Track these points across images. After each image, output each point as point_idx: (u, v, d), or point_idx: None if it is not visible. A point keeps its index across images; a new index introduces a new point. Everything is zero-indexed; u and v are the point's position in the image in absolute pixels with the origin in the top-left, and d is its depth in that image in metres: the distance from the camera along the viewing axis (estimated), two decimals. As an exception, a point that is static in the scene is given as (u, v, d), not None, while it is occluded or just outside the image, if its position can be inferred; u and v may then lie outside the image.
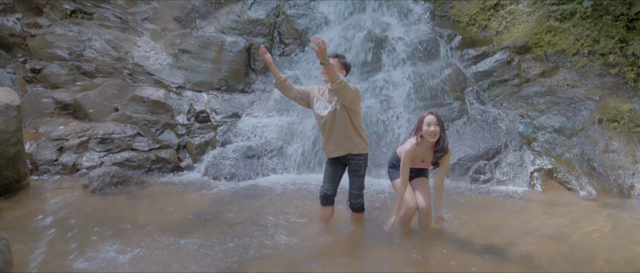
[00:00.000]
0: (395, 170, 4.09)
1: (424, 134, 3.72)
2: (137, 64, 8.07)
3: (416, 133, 3.81)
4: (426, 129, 3.69)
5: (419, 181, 4.11)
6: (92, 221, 4.12)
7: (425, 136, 3.72)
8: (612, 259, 3.45)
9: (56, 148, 6.48)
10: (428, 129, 3.69)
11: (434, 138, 3.71)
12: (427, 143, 3.77)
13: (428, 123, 3.70)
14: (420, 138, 3.77)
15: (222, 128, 7.33)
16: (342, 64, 3.88)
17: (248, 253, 3.38)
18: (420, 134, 3.76)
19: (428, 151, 3.84)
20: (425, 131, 3.70)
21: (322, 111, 3.94)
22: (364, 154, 4.03)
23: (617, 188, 5.89)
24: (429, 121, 3.71)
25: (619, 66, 8.11)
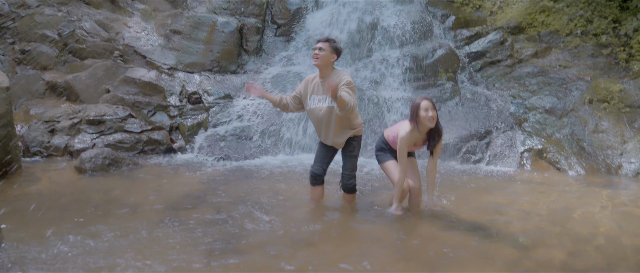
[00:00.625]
0: (384, 153, 4.08)
1: (422, 120, 3.66)
2: (128, 45, 8.00)
3: (412, 119, 3.73)
4: (425, 115, 3.63)
5: (408, 161, 4.04)
6: (84, 203, 4.15)
7: (424, 122, 3.66)
8: (598, 236, 3.52)
9: (48, 130, 6.47)
10: (427, 115, 3.63)
11: (433, 123, 3.67)
12: (423, 128, 3.73)
13: (425, 109, 3.64)
14: (416, 124, 3.71)
15: (215, 109, 7.32)
16: (333, 48, 3.79)
17: (238, 233, 3.42)
18: (416, 120, 3.69)
19: (421, 136, 3.81)
20: (423, 117, 3.64)
21: (317, 104, 3.87)
22: (359, 136, 4.06)
23: (605, 167, 5.97)
24: (426, 106, 3.64)
25: (612, 47, 8.13)
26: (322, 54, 3.71)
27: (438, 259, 3.00)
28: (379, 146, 4.16)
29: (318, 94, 3.87)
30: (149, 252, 2.99)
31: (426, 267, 2.87)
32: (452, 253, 3.08)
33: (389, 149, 4.07)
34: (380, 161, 4.13)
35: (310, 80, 3.98)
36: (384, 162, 4.06)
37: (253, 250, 3.07)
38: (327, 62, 3.76)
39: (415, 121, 3.71)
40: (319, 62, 3.75)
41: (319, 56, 3.72)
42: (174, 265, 2.80)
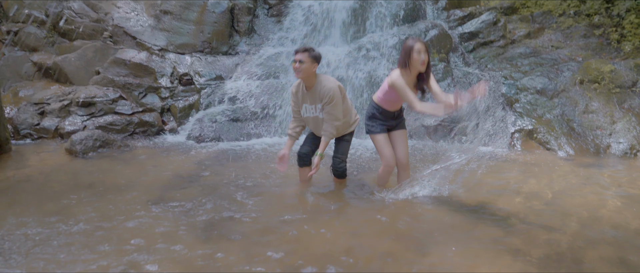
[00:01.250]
0: (375, 123, 3.89)
1: (414, 63, 3.51)
2: (117, 26, 7.89)
3: (403, 63, 3.57)
4: (417, 58, 3.48)
5: (398, 134, 3.98)
6: (74, 186, 4.14)
7: (416, 65, 3.51)
8: (583, 215, 3.58)
9: (37, 112, 6.42)
10: (419, 58, 3.48)
11: (424, 66, 3.53)
12: (414, 71, 3.58)
13: (418, 51, 3.48)
14: (408, 67, 3.56)
15: (206, 91, 7.28)
16: (313, 57, 3.70)
17: (228, 216, 3.45)
18: (408, 62, 3.53)
19: (411, 80, 3.66)
20: (415, 60, 3.49)
21: (309, 114, 3.92)
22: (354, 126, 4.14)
23: (594, 147, 6.03)
24: (419, 48, 3.48)
25: (604, 27, 8.12)
26: (303, 66, 3.66)
27: (426, 239, 3.04)
28: (370, 112, 3.94)
29: (308, 103, 3.88)
30: (137, 236, 3.01)
31: (413, 246, 2.92)
32: (439, 233, 3.12)
33: (381, 115, 3.88)
34: (371, 132, 3.94)
35: (295, 91, 3.96)
36: (375, 134, 3.90)
37: (242, 233, 3.10)
38: (309, 73, 3.72)
39: (406, 64, 3.55)
40: (301, 75, 3.71)
41: (300, 69, 3.67)
42: (163, 249, 2.82)
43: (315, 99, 3.81)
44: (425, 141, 6.58)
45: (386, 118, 3.92)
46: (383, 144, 3.91)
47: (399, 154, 3.98)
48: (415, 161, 5.20)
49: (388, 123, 3.94)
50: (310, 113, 3.91)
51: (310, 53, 3.69)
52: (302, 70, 3.67)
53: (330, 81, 3.77)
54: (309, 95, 3.83)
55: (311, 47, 3.74)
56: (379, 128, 3.91)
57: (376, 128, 3.92)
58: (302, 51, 3.69)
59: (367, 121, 3.98)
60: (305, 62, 3.66)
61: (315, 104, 3.83)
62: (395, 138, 3.98)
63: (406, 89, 3.53)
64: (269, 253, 2.76)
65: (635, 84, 6.75)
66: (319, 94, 3.75)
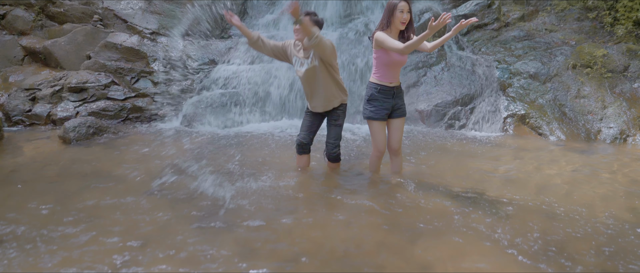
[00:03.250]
0: (376, 106, 3.82)
1: (395, 21, 3.58)
2: (107, 9, 7.77)
3: (386, 22, 3.62)
4: (400, 16, 3.55)
5: (396, 122, 3.96)
6: (69, 174, 4.14)
7: (396, 23, 3.58)
8: (573, 201, 3.65)
9: (28, 97, 6.36)
10: (402, 16, 3.55)
11: (404, 24, 3.61)
12: (394, 30, 3.66)
13: (401, 10, 3.55)
14: (388, 27, 3.62)
15: (200, 75, 7.24)
16: (314, 21, 3.78)
17: (223, 204, 3.48)
18: (390, 20, 3.59)
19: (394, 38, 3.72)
20: (397, 17, 3.55)
21: (299, 68, 3.93)
22: (344, 104, 4.11)
23: (585, 132, 6.11)
24: (402, 7, 3.55)
25: (598, 10, 8.12)
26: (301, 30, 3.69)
27: (419, 228, 3.10)
28: (369, 94, 3.87)
29: (301, 55, 3.91)
30: (133, 227, 3.03)
31: (407, 236, 2.97)
32: (432, 222, 3.18)
33: (381, 94, 3.81)
34: (369, 118, 3.88)
35: (292, 43, 4.03)
36: (373, 120, 3.86)
37: (239, 224, 3.13)
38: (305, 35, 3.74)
39: (388, 23, 3.62)
40: (301, 36, 3.75)
41: (300, 31, 3.71)
42: (158, 241, 2.85)
43: (309, 51, 3.84)
44: (420, 127, 6.62)
45: (386, 96, 3.84)
46: (377, 131, 3.90)
47: (392, 140, 4.01)
48: (417, 149, 5.24)
49: (387, 103, 3.85)
50: (300, 67, 3.91)
51: (312, 17, 3.76)
52: (302, 31, 3.70)
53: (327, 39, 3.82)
54: (306, 54, 3.87)
55: (314, 12, 3.81)
56: (378, 113, 3.84)
57: (375, 113, 3.85)
58: (304, 14, 3.73)
59: (366, 105, 3.90)
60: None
61: (308, 55, 3.86)
62: (393, 125, 3.97)
63: (388, 37, 3.58)
64: (266, 244, 2.80)
65: (627, 69, 6.79)
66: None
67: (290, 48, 4.03)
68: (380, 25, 3.68)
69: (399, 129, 4.00)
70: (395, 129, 3.99)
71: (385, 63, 3.77)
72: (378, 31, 3.67)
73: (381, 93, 3.83)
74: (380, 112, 3.85)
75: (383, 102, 3.84)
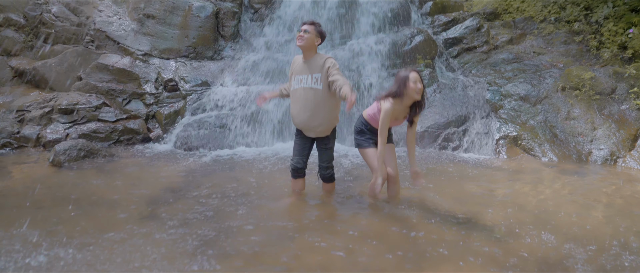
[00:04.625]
0: (364, 137, 4.00)
1: (410, 92, 3.64)
2: (99, 30, 7.73)
3: (399, 92, 3.68)
4: (414, 88, 3.62)
5: (386, 148, 3.99)
6: (60, 199, 4.04)
7: (412, 94, 3.64)
8: (570, 224, 3.66)
9: (17, 119, 6.24)
10: (415, 87, 3.62)
11: (419, 95, 3.67)
12: (409, 100, 3.71)
13: (415, 81, 3.63)
14: (402, 97, 3.67)
15: (192, 97, 7.19)
16: (318, 31, 3.83)
17: (222, 229, 3.41)
18: (403, 92, 3.65)
19: (404, 109, 3.80)
20: (412, 89, 3.62)
21: (299, 85, 3.86)
22: (333, 128, 4.08)
23: (577, 154, 6.18)
24: (415, 78, 3.64)
25: (583, 34, 8.32)
26: (307, 36, 3.75)
27: (418, 254, 3.06)
28: (358, 128, 4.07)
29: (303, 73, 3.85)
30: (128, 255, 2.95)
31: (407, 263, 2.94)
32: (431, 248, 3.15)
33: (369, 131, 4.01)
34: (359, 146, 4.04)
35: (295, 60, 4.03)
36: (365, 148, 3.99)
37: (236, 249, 3.07)
38: (311, 45, 3.80)
39: (401, 94, 3.67)
40: (303, 43, 3.77)
41: (303, 38, 3.75)
42: (158, 266, 2.78)
43: (314, 68, 3.78)
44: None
45: (374, 134, 4.02)
46: (373, 158, 3.96)
47: (389, 167, 4.04)
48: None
49: (376, 138, 3.99)
50: (303, 84, 3.84)
51: (317, 27, 3.82)
52: (305, 39, 3.75)
53: (329, 57, 3.81)
54: (306, 65, 3.84)
55: (318, 22, 3.87)
56: (367, 141, 4.02)
57: (365, 142, 4.02)
58: (310, 23, 3.81)
59: (356, 136, 4.10)
60: (310, 33, 3.77)
61: (311, 73, 3.79)
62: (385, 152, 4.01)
63: (387, 120, 3.72)
64: (265, 270, 2.74)
65: (614, 91, 6.93)
66: (318, 64, 3.76)
67: (294, 67, 3.96)
68: (391, 94, 3.72)
69: (391, 154, 4.11)
70: (388, 156, 4.06)
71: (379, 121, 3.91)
72: (388, 100, 3.70)
73: (370, 131, 4.05)
74: (369, 141, 4.03)
75: (372, 136, 4.04)
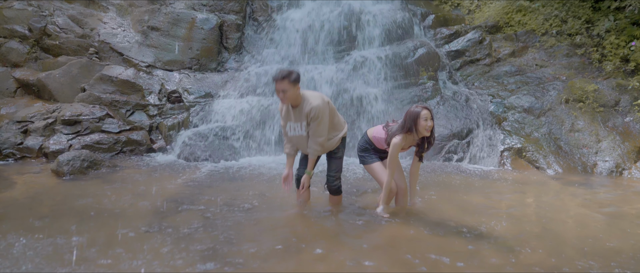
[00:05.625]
0: (368, 154, 4.08)
1: (420, 129, 3.72)
2: (103, 42, 7.76)
3: (408, 128, 3.75)
4: (424, 125, 3.69)
5: None
6: (64, 210, 4.00)
7: (422, 131, 3.72)
8: (580, 236, 3.62)
9: (20, 130, 6.23)
10: (426, 124, 3.69)
11: (428, 132, 3.75)
12: (419, 135, 3.79)
13: (425, 118, 3.70)
14: (414, 131, 3.74)
15: (196, 109, 7.19)
16: (293, 81, 3.63)
17: (226, 240, 3.37)
18: (415, 128, 3.72)
19: (413, 142, 3.88)
20: (422, 127, 3.70)
21: (294, 132, 3.87)
22: (344, 138, 4.08)
23: (582, 166, 6.15)
24: (425, 116, 3.70)
25: (585, 47, 8.35)
26: (287, 94, 3.64)
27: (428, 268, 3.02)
28: (363, 146, 4.13)
29: (293, 121, 3.84)
30: (134, 267, 2.90)
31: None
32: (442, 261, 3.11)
33: (373, 149, 4.08)
34: (364, 163, 4.12)
35: (281, 108, 3.95)
36: (370, 164, 4.07)
37: (242, 262, 3.02)
38: (294, 97, 3.71)
39: (413, 129, 3.74)
40: (287, 101, 3.71)
41: (285, 97, 3.65)
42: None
43: (301, 117, 3.77)
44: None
45: (378, 152, 4.11)
46: (380, 172, 4.03)
47: (397, 180, 4.06)
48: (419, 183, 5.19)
49: (380, 154, 4.11)
50: (296, 132, 3.85)
51: (290, 79, 3.62)
52: (287, 97, 3.66)
53: (317, 98, 3.72)
54: (295, 113, 3.80)
55: (288, 72, 3.65)
56: (371, 157, 4.08)
57: (369, 158, 4.09)
58: (281, 79, 3.60)
59: (360, 153, 4.16)
60: (288, 90, 3.63)
61: (300, 121, 3.79)
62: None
63: (395, 156, 3.81)
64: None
65: (618, 104, 6.94)
66: (305, 112, 3.72)
67: (282, 112, 3.92)
68: (401, 129, 3.78)
69: (398, 168, 4.15)
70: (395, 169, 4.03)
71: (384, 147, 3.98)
72: (397, 136, 3.76)
73: (374, 150, 4.12)
74: (373, 157, 4.11)
75: (376, 153, 4.13)
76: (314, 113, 3.66)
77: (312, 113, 3.67)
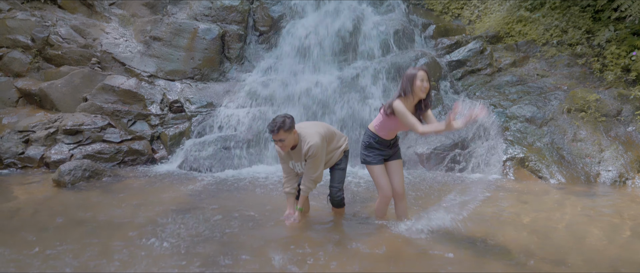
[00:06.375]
0: (373, 153, 3.89)
1: (416, 90, 3.58)
2: (105, 52, 7.78)
3: (405, 90, 3.62)
4: (420, 85, 3.56)
5: (394, 164, 3.99)
6: (65, 220, 3.98)
7: (417, 92, 3.57)
8: (585, 246, 3.59)
9: (22, 140, 6.22)
10: (422, 85, 3.56)
11: (424, 94, 3.63)
12: (415, 99, 3.65)
13: (421, 79, 3.57)
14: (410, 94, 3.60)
15: (197, 118, 7.18)
16: (289, 128, 3.64)
17: (226, 251, 3.34)
18: (411, 90, 3.58)
19: (410, 108, 3.70)
20: (418, 87, 3.56)
21: (299, 170, 3.93)
22: (345, 150, 4.08)
23: (585, 175, 6.13)
24: (422, 77, 3.59)
25: (586, 57, 8.37)
26: (285, 143, 3.67)
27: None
28: (366, 142, 3.95)
29: (294, 160, 3.89)
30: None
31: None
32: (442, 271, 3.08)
33: (377, 144, 3.89)
34: (367, 162, 3.94)
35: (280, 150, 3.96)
36: (373, 165, 3.90)
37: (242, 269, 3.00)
38: (293, 142, 3.75)
39: (407, 92, 3.61)
40: (287, 148, 3.74)
41: (284, 146, 3.68)
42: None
43: (301, 157, 3.83)
44: (420, 170, 6.59)
45: (383, 147, 3.92)
46: (379, 175, 3.90)
47: (395, 184, 3.98)
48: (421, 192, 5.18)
49: (384, 152, 3.94)
50: (297, 169, 3.94)
51: (285, 128, 3.62)
52: (286, 146, 3.70)
53: (314, 136, 3.74)
54: (295, 153, 3.86)
55: (282, 120, 3.64)
56: (375, 158, 3.91)
57: (373, 158, 3.91)
58: (277, 131, 3.60)
59: (363, 151, 3.97)
60: (285, 139, 3.65)
61: (301, 161, 3.86)
62: (391, 168, 3.99)
63: (407, 113, 3.58)
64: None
65: (620, 113, 6.93)
66: (304, 152, 3.77)
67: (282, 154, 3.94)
68: (398, 94, 3.68)
69: (399, 172, 4.02)
70: (395, 173, 3.99)
71: (391, 127, 3.83)
72: (397, 101, 3.62)
73: (378, 144, 3.93)
74: (377, 157, 3.92)
75: (380, 150, 3.94)
76: (312, 151, 3.72)
77: (310, 151, 3.73)
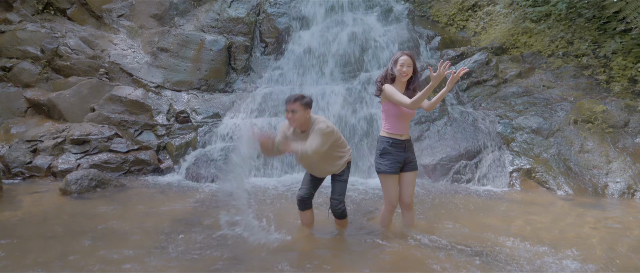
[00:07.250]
0: (389, 162, 3.78)
1: (395, 72, 3.69)
2: (113, 63, 7.87)
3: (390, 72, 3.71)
4: (400, 69, 3.67)
5: (408, 176, 3.91)
6: (71, 230, 3.99)
7: (397, 75, 3.69)
8: (593, 258, 3.55)
9: (30, 149, 6.27)
10: (402, 70, 3.67)
11: (405, 77, 3.70)
12: (400, 83, 3.74)
13: (402, 64, 3.68)
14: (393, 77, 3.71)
15: (203, 129, 7.22)
16: (305, 104, 3.66)
17: (232, 261, 3.33)
18: (391, 69, 3.71)
19: (401, 90, 3.78)
20: (398, 70, 3.68)
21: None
22: (348, 162, 4.04)
23: (592, 187, 6.07)
24: (402, 61, 3.69)
25: (592, 68, 8.35)
26: (296, 116, 3.64)
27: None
28: (381, 148, 3.84)
29: (296, 141, 3.79)
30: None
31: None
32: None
33: (393, 147, 3.78)
34: (381, 171, 3.83)
35: (286, 129, 3.91)
36: (387, 175, 3.81)
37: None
38: (303, 121, 3.71)
39: (390, 70, 3.72)
40: (296, 124, 3.70)
41: (294, 119, 3.65)
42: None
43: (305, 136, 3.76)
44: (426, 181, 6.56)
45: (399, 149, 3.82)
46: (390, 186, 3.85)
47: (404, 194, 3.94)
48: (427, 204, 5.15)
49: (399, 156, 3.82)
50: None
51: (302, 101, 3.63)
52: (296, 119, 3.65)
53: (327, 122, 3.73)
54: (303, 137, 3.77)
55: (301, 95, 3.68)
56: (392, 167, 3.80)
57: (389, 167, 3.80)
58: (293, 100, 3.62)
59: (379, 159, 3.85)
60: (297, 112, 3.62)
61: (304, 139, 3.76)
62: (405, 179, 3.91)
63: (396, 92, 3.63)
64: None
65: (627, 124, 6.89)
66: (314, 133, 3.68)
67: (287, 132, 3.90)
68: (384, 77, 3.75)
69: (411, 183, 3.96)
70: (408, 184, 3.94)
71: (395, 115, 3.78)
72: (386, 84, 3.71)
73: (393, 147, 3.81)
74: (393, 166, 3.81)
75: (396, 155, 3.82)
76: (322, 128, 3.63)
77: (321, 128, 3.63)
